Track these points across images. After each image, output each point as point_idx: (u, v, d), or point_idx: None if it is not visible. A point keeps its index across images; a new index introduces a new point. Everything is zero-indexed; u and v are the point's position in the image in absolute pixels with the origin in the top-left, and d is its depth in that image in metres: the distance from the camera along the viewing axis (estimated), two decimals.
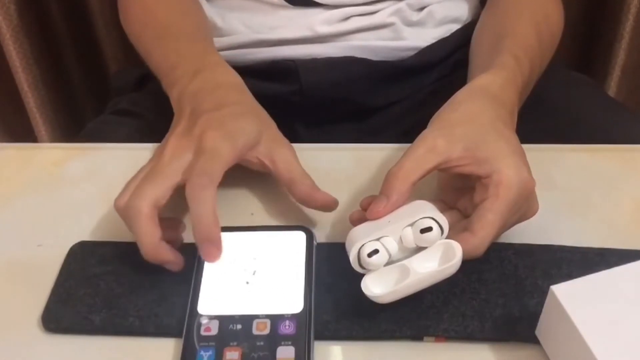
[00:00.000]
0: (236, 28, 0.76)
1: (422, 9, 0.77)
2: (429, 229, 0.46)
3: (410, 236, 0.47)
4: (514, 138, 0.52)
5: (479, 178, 0.49)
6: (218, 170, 0.49)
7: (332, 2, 0.74)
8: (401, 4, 0.75)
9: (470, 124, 0.51)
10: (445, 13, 0.78)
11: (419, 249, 0.47)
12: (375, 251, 0.46)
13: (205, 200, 0.48)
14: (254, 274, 0.50)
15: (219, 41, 0.76)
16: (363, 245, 0.46)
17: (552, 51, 0.70)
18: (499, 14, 0.70)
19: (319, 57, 0.75)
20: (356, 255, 0.47)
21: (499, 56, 0.60)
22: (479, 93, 0.55)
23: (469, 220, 0.49)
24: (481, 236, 0.47)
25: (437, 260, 0.46)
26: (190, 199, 0.48)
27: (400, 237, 0.47)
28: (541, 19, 0.68)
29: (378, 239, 0.47)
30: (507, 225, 0.50)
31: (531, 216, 0.51)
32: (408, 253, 0.47)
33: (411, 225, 0.47)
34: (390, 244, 0.47)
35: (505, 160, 0.49)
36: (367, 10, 0.75)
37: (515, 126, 0.55)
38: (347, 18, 0.75)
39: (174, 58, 0.61)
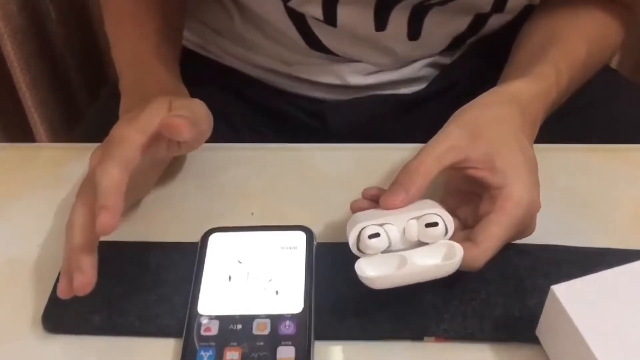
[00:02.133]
0: (268, 52, 0.75)
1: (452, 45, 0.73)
2: (435, 224, 0.46)
3: (415, 229, 0.46)
4: (532, 152, 0.52)
5: (488, 188, 0.49)
6: (123, 153, 0.48)
7: (346, 56, 0.72)
8: (435, 57, 0.73)
9: (495, 129, 0.51)
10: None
11: (420, 244, 0.47)
12: (377, 234, 0.45)
13: (107, 177, 0.46)
14: (254, 274, 0.50)
15: (249, 56, 0.76)
16: (365, 227, 0.46)
17: (600, 66, 0.67)
18: (554, 15, 0.66)
19: (346, 99, 0.75)
20: (356, 236, 0.46)
21: (541, 64, 0.58)
22: (508, 99, 0.54)
23: (472, 230, 0.48)
24: (484, 248, 0.47)
25: (437, 259, 0.46)
26: (96, 184, 0.46)
27: (404, 229, 0.46)
28: (597, 36, 0.64)
29: (381, 225, 0.46)
30: (506, 241, 0.49)
31: (527, 236, 0.51)
32: (409, 246, 0.47)
33: (417, 218, 0.46)
34: (393, 232, 0.46)
35: (520, 176, 0.48)
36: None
37: (534, 138, 0.55)
38: (377, 71, 0.73)
39: (127, 58, 0.64)
